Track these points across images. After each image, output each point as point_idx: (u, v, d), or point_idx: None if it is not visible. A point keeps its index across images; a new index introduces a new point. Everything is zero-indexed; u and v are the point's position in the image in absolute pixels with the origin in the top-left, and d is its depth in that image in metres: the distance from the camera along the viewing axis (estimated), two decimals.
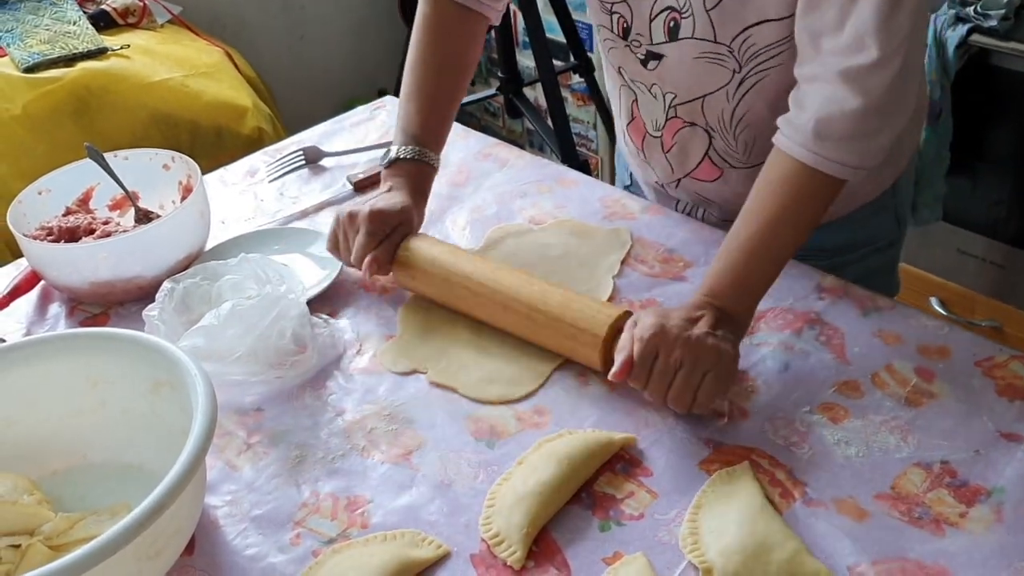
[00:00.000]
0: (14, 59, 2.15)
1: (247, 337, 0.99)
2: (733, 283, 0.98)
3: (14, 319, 1.18)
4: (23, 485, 0.86)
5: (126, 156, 1.29)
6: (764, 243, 0.99)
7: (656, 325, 0.93)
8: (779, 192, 1.00)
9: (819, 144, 0.98)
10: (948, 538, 0.81)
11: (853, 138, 0.98)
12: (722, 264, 1.00)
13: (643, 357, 0.92)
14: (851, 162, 0.98)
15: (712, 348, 0.92)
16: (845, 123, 0.97)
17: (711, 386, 0.91)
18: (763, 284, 1.01)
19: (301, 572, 0.83)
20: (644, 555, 0.82)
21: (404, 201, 1.16)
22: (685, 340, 0.91)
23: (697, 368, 0.91)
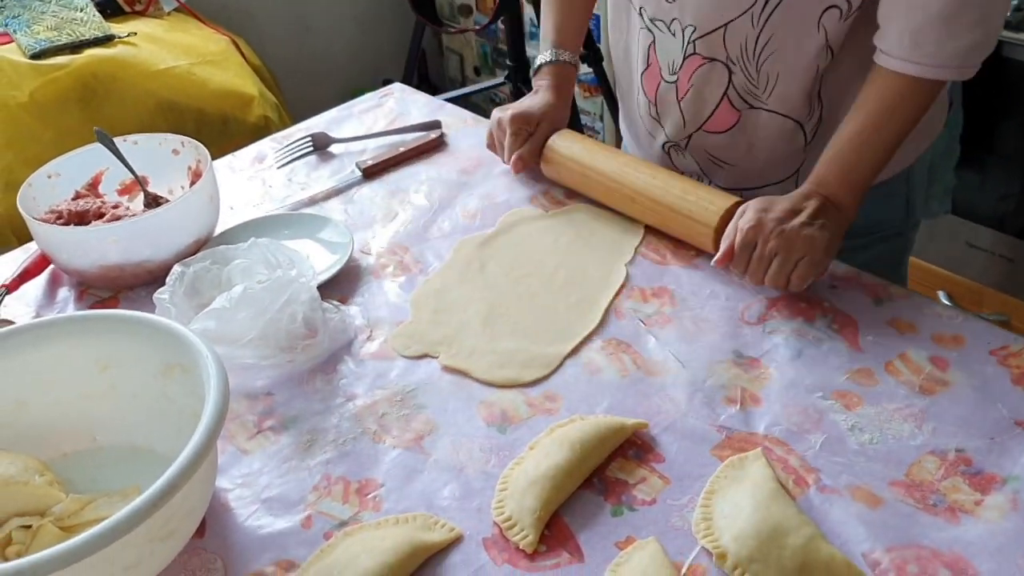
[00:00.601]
0: (21, 46, 2.15)
1: (258, 320, 0.98)
2: (839, 172, 1.05)
3: (23, 302, 1.18)
4: (34, 466, 0.85)
5: (135, 141, 1.28)
6: (868, 136, 1.04)
7: (755, 218, 1.02)
8: (883, 94, 1.04)
9: (916, 53, 1.00)
10: (963, 526, 0.81)
11: (949, 39, 0.99)
12: (829, 154, 1.06)
13: (742, 246, 1.03)
14: (952, 62, 1.01)
15: (806, 238, 1.00)
16: (936, 27, 0.98)
17: (803, 271, 1.01)
18: (868, 173, 1.06)
19: (313, 554, 0.83)
20: (656, 540, 0.81)
21: (546, 101, 1.30)
22: (780, 232, 1.01)
23: (791, 256, 1.01)
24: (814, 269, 1.02)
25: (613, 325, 1.06)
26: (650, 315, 1.07)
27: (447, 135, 1.48)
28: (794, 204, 1.03)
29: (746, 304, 1.07)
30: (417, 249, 1.22)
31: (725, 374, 0.98)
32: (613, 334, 1.05)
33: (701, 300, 1.08)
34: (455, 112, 1.55)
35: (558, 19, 1.33)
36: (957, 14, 0.98)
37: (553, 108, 1.30)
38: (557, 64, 1.32)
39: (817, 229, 1.01)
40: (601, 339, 1.04)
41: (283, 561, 0.83)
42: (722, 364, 0.99)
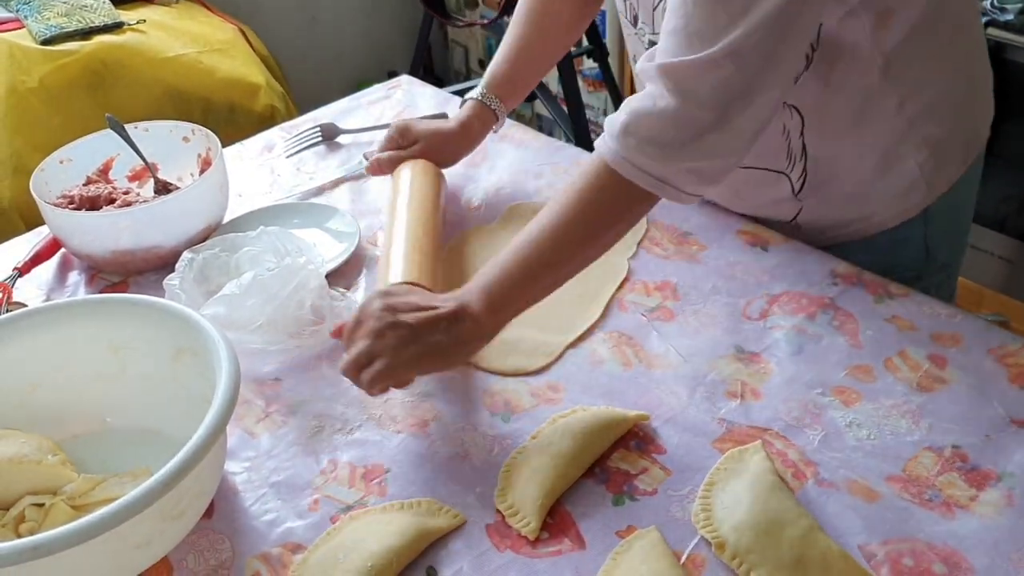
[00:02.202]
0: (31, 31, 2.16)
1: (267, 307, 1.00)
2: (486, 285, 0.93)
3: (35, 285, 1.19)
4: (47, 446, 0.87)
5: (146, 128, 1.30)
6: (536, 249, 0.93)
7: (370, 299, 0.93)
8: (574, 192, 0.94)
9: (624, 140, 0.90)
10: (958, 520, 0.82)
11: (661, 144, 0.88)
12: (492, 261, 0.95)
13: (349, 325, 0.93)
14: (654, 171, 0.89)
15: (396, 339, 0.89)
16: (653, 121, 0.88)
17: (375, 371, 0.89)
18: (522, 294, 0.94)
19: (319, 537, 0.84)
20: (657, 529, 0.83)
21: (439, 128, 1.27)
22: (377, 318, 0.90)
23: (373, 349, 0.89)
24: (389, 376, 0.90)
25: (616, 318, 1.08)
26: (653, 308, 1.08)
27: None
28: (427, 301, 0.93)
29: (748, 299, 1.08)
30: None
31: (726, 368, 0.99)
32: (616, 327, 1.06)
33: (703, 295, 1.09)
34: None
35: (503, 63, 1.28)
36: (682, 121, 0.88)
37: (442, 138, 1.26)
38: (478, 103, 1.27)
39: (422, 333, 0.89)
40: (604, 331, 1.06)
41: (289, 543, 0.84)
42: (723, 358, 1.01)
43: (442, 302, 0.92)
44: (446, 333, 0.90)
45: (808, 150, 1.08)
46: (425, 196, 1.17)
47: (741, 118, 0.88)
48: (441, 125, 1.28)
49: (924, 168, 1.09)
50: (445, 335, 0.90)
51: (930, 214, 1.13)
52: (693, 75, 0.86)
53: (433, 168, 1.24)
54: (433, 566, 0.82)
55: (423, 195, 1.18)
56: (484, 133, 1.30)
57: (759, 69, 0.86)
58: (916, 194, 1.11)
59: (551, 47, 1.32)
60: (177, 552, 0.84)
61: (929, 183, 1.10)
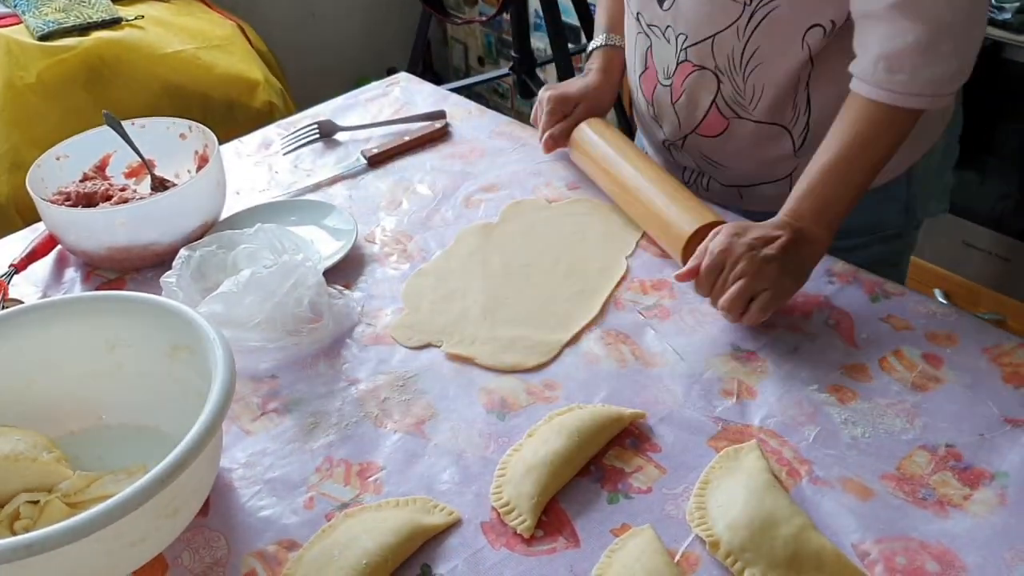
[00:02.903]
0: (29, 27, 2.16)
1: (265, 304, 1.00)
2: (812, 207, 1.03)
3: (31, 282, 1.20)
4: (43, 443, 0.87)
5: (143, 124, 1.30)
6: (842, 169, 1.03)
7: (726, 241, 1.01)
8: (857, 124, 1.02)
9: (891, 81, 0.99)
10: (952, 519, 0.82)
11: (925, 66, 0.98)
12: (803, 186, 1.04)
13: (708, 269, 1.01)
14: (927, 91, 1.00)
15: (772, 269, 0.98)
16: (912, 55, 0.98)
17: (764, 301, 0.99)
18: (842, 206, 1.04)
19: (314, 535, 0.85)
20: (652, 527, 0.83)
21: (588, 84, 1.34)
22: (750, 259, 0.99)
23: (755, 284, 0.98)
24: (775, 302, 1.00)
25: (613, 316, 1.08)
26: (649, 307, 1.08)
27: (452, 125, 1.49)
28: (767, 233, 1.01)
29: None
30: (420, 237, 1.24)
31: (722, 367, 1.00)
32: (612, 325, 1.06)
33: None
34: (460, 102, 1.57)
35: (611, 7, 1.36)
36: (933, 43, 0.98)
37: (595, 91, 1.34)
38: (607, 48, 1.36)
39: (786, 262, 1.00)
40: (600, 329, 1.06)
41: (285, 540, 0.85)
42: (720, 357, 1.01)
43: (778, 230, 1.01)
44: (804, 255, 1.02)
45: (811, 101, 1.13)
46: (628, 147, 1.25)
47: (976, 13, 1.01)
48: (588, 81, 1.35)
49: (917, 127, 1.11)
50: (803, 256, 1.02)
51: (913, 173, 1.23)
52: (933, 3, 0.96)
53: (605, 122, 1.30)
54: (428, 564, 0.82)
55: (626, 147, 1.24)
56: (622, 71, 1.37)
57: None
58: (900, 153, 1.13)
59: None
60: (172, 549, 0.84)
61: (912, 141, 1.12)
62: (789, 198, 1.05)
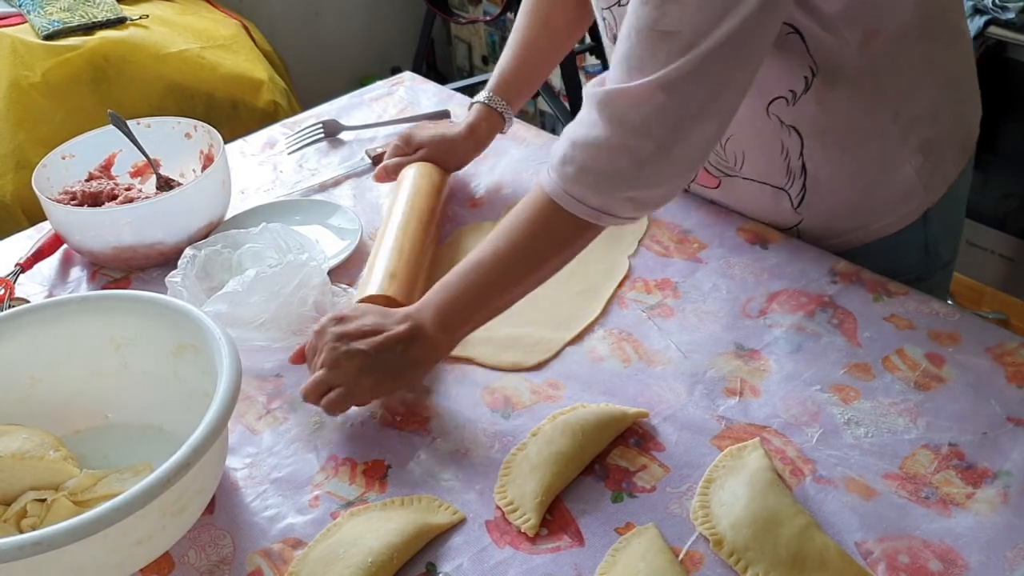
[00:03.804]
0: (34, 26, 2.16)
1: (270, 304, 1.00)
2: (439, 305, 0.94)
3: (36, 281, 1.20)
4: (49, 441, 0.87)
5: (149, 124, 1.30)
6: (485, 274, 0.94)
7: (324, 325, 0.95)
8: (519, 221, 0.94)
9: (562, 170, 0.90)
10: (954, 518, 0.83)
11: (599, 174, 0.88)
12: (442, 281, 0.96)
13: (307, 348, 0.96)
14: (592, 202, 0.89)
15: (352, 366, 0.91)
16: (591, 151, 0.88)
17: (332, 398, 0.92)
18: (473, 315, 0.95)
19: (319, 533, 0.85)
20: (655, 526, 0.83)
21: (444, 134, 1.28)
22: (332, 349, 0.92)
23: (329, 378, 0.92)
24: (349, 399, 0.92)
25: (616, 315, 1.08)
26: (653, 306, 1.09)
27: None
28: (382, 323, 0.93)
29: (748, 297, 1.08)
30: None
31: (726, 366, 1.00)
32: (616, 324, 1.07)
33: (703, 293, 1.10)
34: (464, 102, 1.57)
35: (508, 65, 1.29)
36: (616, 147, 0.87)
37: (447, 143, 1.27)
38: (485, 106, 1.28)
39: (378, 360, 0.91)
40: (604, 328, 1.06)
41: (290, 539, 0.85)
42: (723, 356, 1.01)
43: (396, 323, 0.93)
44: (401, 355, 0.92)
45: (808, 168, 1.09)
46: (420, 200, 1.18)
47: (677, 148, 0.87)
48: (447, 130, 1.29)
49: (921, 173, 1.09)
50: (400, 357, 0.92)
51: (929, 216, 1.14)
52: (627, 104, 0.86)
53: (434, 170, 1.24)
54: (433, 562, 0.83)
55: (418, 199, 1.18)
56: (492, 136, 1.31)
57: (694, 102, 0.85)
58: (914, 199, 1.11)
59: (555, 47, 1.33)
60: (178, 548, 0.84)
61: (927, 187, 1.11)
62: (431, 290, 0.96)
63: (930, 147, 1.08)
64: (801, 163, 1.08)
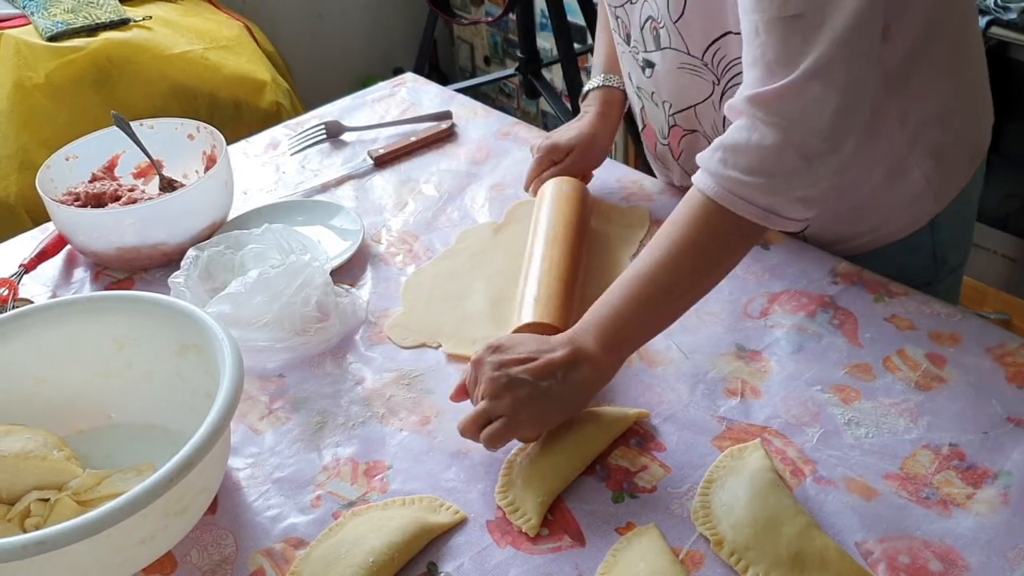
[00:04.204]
0: (38, 28, 2.17)
1: (273, 304, 1.01)
2: (599, 326, 0.90)
3: (40, 282, 1.21)
4: (53, 441, 0.88)
5: (152, 125, 1.30)
6: (646, 286, 0.90)
7: (481, 355, 0.90)
8: (680, 228, 0.91)
9: (725, 173, 0.88)
10: (955, 518, 0.83)
11: (767, 174, 0.86)
12: (601, 300, 0.92)
13: (469, 382, 0.92)
14: (761, 202, 0.87)
15: (512, 397, 0.87)
16: (753, 153, 0.86)
17: (492, 431, 0.87)
18: (637, 331, 0.92)
19: (321, 533, 0.85)
20: (656, 526, 0.84)
21: (581, 130, 1.27)
22: (491, 380, 0.88)
23: (489, 410, 0.88)
24: (509, 433, 0.88)
25: None
26: None
27: (458, 125, 1.50)
28: (539, 348, 0.89)
29: (749, 298, 1.09)
30: (426, 238, 1.24)
31: (727, 366, 1.00)
32: None
33: None
34: (466, 103, 1.57)
35: (609, 45, 1.29)
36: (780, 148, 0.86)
37: (588, 137, 1.27)
38: (604, 88, 1.29)
39: (541, 389, 0.87)
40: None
41: (292, 539, 0.85)
42: (724, 356, 1.01)
43: (556, 347, 0.89)
44: (564, 382, 0.88)
45: None
46: (563, 217, 1.15)
47: (846, 137, 0.86)
48: (582, 126, 1.27)
49: (930, 179, 1.09)
50: (563, 384, 0.88)
51: (938, 222, 1.13)
52: (782, 102, 0.84)
53: (573, 184, 1.22)
54: (434, 562, 0.83)
55: (560, 217, 1.15)
56: (621, 112, 1.30)
57: (847, 83, 0.84)
58: (923, 204, 1.11)
59: None
60: (181, 547, 0.85)
61: (936, 193, 1.10)
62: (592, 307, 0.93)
63: (940, 152, 1.08)
64: None
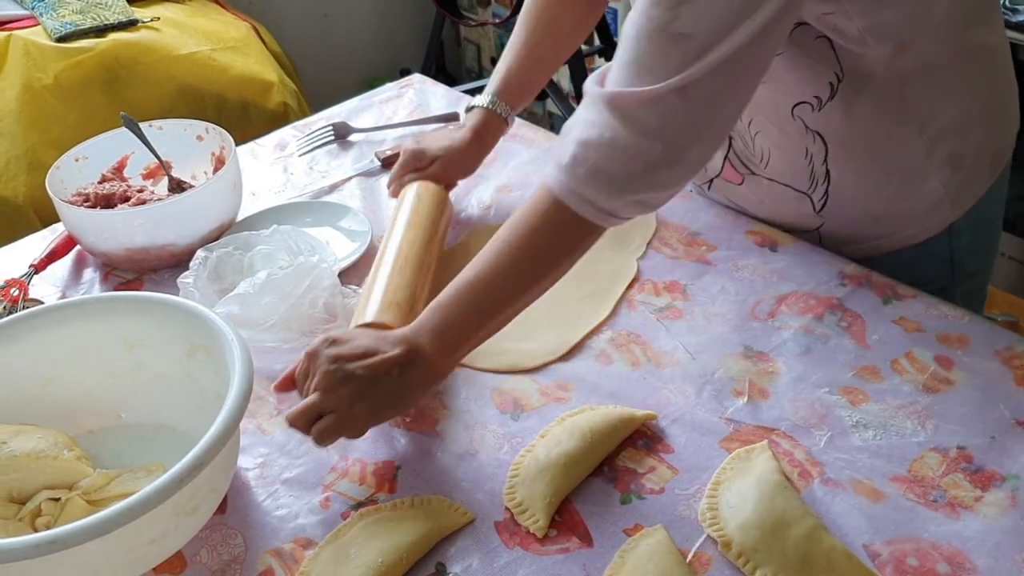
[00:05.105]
0: (46, 29, 2.17)
1: (281, 305, 1.01)
2: (437, 325, 0.90)
3: (50, 283, 1.21)
4: (63, 441, 0.88)
5: (160, 126, 1.31)
6: (483, 286, 0.90)
7: (317, 347, 0.90)
8: (522, 226, 0.91)
9: (572, 171, 0.87)
10: (962, 521, 0.83)
11: (611, 176, 0.86)
12: (438, 299, 0.92)
13: (299, 373, 0.92)
14: (603, 204, 0.87)
15: (346, 391, 0.87)
16: (604, 152, 0.85)
17: (323, 426, 0.87)
18: (472, 332, 0.91)
19: (330, 534, 0.86)
20: (664, 528, 0.84)
21: (453, 143, 1.25)
22: (325, 373, 0.87)
23: (321, 403, 0.87)
24: (339, 429, 0.87)
25: (625, 317, 1.09)
26: (662, 308, 1.09)
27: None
28: (376, 345, 0.89)
29: (756, 300, 1.09)
30: None
31: (734, 367, 1.00)
32: (624, 326, 1.07)
33: (712, 295, 1.10)
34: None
35: (511, 67, 1.26)
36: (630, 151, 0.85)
37: (458, 152, 1.24)
38: (488, 111, 1.25)
39: (374, 384, 0.87)
40: (612, 331, 1.07)
41: (301, 539, 0.86)
42: (731, 357, 1.01)
43: (393, 345, 0.89)
44: (398, 380, 0.88)
45: (832, 175, 1.08)
46: (419, 220, 1.15)
47: (691, 152, 0.86)
48: (453, 139, 1.26)
49: (948, 186, 1.08)
50: (396, 382, 0.88)
51: (955, 229, 1.13)
52: (640, 107, 0.84)
53: (435, 190, 1.21)
54: (443, 562, 0.83)
55: (418, 220, 1.15)
56: (496, 140, 1.29)
57: (707, 108, 0.85)
58: (940, 212, 1.11)
59: (558, 48, 1.31)
60: (190, 547, 0.85)
61: (954, 200, 1.10)
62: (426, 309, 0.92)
63: (959, 161, 1.07)
64: (825, 169, 1.08)
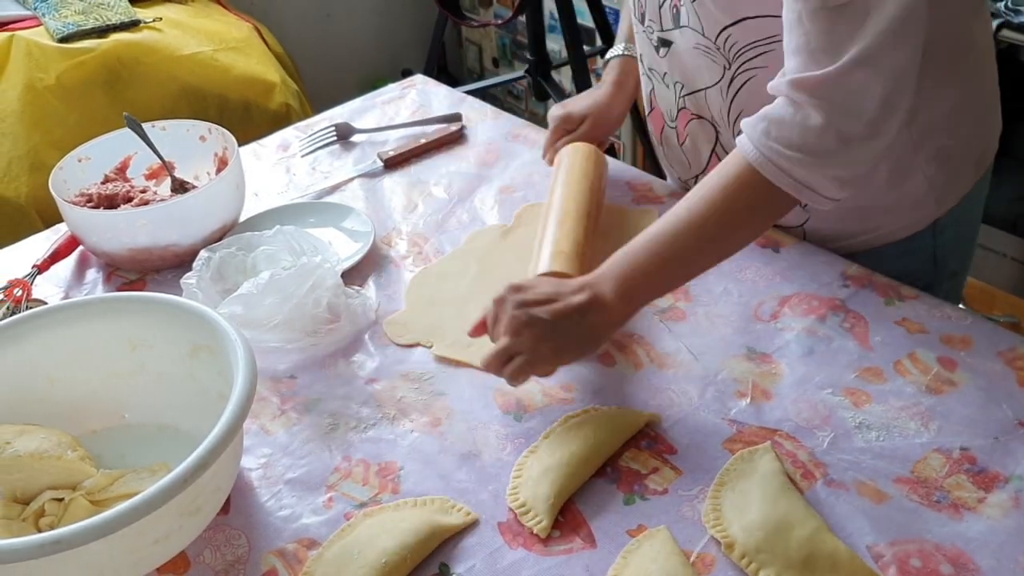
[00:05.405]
0: (49, 29, 2.17)
1: (284, 306, 1.01)
2: (619, 274, 0.94)
3: (53, 283, 1.21)
4: (67, 441, 0.88)
5: (163, 127, 1.31)
6: (670, 242, 0.94)
7: (503, 294, 0.94)
8: (713, 189, 0.93)
9: (765, 142, 0.90)
10: (966, 522, 0.83)
11: (808, 151, 0.89)
12: (624, 250, 0.95)
13: (489, 318, 0.95)
14: (799, 176, 0.90)
15: (533, 334, 0.91)
16: (796, 130, 0.89)
17: (514, 367, 0.92)
18: (654, 284, 0.95)
19: (333, 534, 0.86)
20: (667, 529, 0.84)
21: (596, 99, 1.31)
22: (514, 318, 0.92)
23: (511, 346, 0.92)
24: (529, 369, 0.92)
25: None
26: (664, 309, 1.09)
27: (467, 128, 1.50)
28: (558, 291, 0.93)
29: (759, 301, 1.09)
30: (436, 240, 1.25)
31: (737, 368, 1.00)
32: (628, 327, 1.07)
33: (715, 296, 1.10)
34: (476, 105, 1.57)
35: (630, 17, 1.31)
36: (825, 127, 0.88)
37: (603, 106, 1.30)
38: (623, 58, 1.32)
39: (558, 328, 0.91)
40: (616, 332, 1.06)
41: (304, 539, 0.86)
42: (734, 358, 1.01)
43: (574, 292, 0.93)
44: (579, 324, 0.91)
45: None
46: (582, 178, 1.20)
47: (885, 124, 0.88)
48: (596, 96, 1.31)
49: (934, 183, 1.09)
50: (579, 326, 0.91)
51: (939, 226, 1.14)
52: (829, 87, 0.86)
53: (588, 149, 1.25)
54: (446, 563, 0.83)
55: (575, 178, 1.20)
56: (637, 82, 1.31)
57: (893, 71, 0.86)
58: (925, 208, 1.11)
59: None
60: (194, 547, 0.85)
61: (939, 197, 1.11)
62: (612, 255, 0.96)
63: (945, 157, 1.08)
64: None
